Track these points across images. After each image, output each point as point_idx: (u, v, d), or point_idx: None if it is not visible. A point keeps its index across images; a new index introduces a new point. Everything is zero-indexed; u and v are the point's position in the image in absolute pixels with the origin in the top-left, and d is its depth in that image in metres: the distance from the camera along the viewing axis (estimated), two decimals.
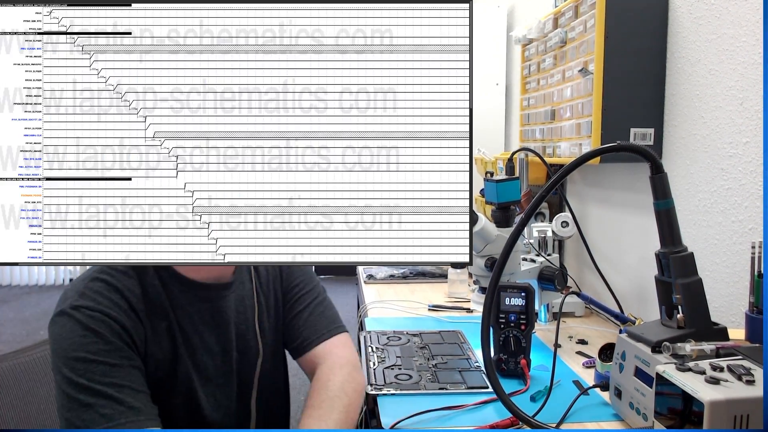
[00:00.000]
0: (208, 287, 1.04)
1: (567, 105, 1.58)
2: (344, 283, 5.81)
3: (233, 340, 1.07)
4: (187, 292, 1.02)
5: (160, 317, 0.98)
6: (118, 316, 0.92)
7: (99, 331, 0.90)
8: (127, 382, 0.89)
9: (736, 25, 1.16)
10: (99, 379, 0.87)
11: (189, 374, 1.00)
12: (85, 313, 0.91)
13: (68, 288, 0.97)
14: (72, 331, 0.90)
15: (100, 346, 0.89)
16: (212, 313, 1.04)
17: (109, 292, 0.94)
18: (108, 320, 0.91)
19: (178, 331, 0.99)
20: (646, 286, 1.48)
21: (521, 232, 0.94)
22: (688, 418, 0.74)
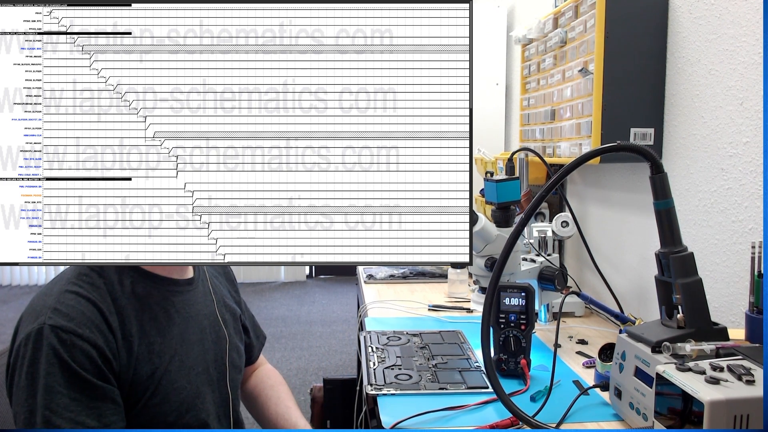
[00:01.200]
0: (177, 282, 1.06)
1: (567, 105, 1.58)
2: (344, 283, 5.81)
3: (206, 330, 1.10)
4: (159, 288, 1.03)
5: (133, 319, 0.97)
6: (90, 336, 0.90)
7: (67, 362, 0.88)
8: (83, 419, 0.89)
9: (736, 25, 1.16)
10: (61, 413, 0.87)
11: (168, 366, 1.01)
12: (59, 335, 0.88)
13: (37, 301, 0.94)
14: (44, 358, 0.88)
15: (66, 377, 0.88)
16: (183, 306, 1.06)
17: (83, 307, 0.92)
18: (80, 342, 0.89)
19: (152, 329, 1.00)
20: (646, 286, 1.48)
21: (521, 232, 0.94)
22: (688, 418, 0.74)
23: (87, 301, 0.92)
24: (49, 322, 0.88)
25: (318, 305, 4.99)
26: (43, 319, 0.89)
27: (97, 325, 0.92)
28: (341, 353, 3.82)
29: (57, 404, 0.87)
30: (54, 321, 0.89)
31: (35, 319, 0.90)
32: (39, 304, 0.92)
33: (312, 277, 6.15)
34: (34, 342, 0.88)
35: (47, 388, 0.87)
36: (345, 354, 3.79)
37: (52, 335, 0.88)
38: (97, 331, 0.91)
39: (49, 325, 0.88)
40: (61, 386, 0.88)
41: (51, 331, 0.88)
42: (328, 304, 5.05)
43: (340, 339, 4.11)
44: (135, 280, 0.99)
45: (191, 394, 1.03)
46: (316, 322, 4.46)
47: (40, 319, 0.89)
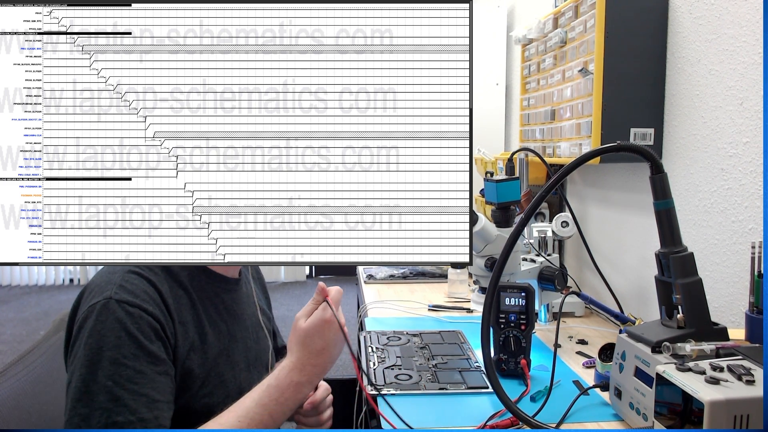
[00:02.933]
0: (227, 280, 1.10)
1: (567, 105, 1.58)
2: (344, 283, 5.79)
3: (248, 329, 1.14)
4: (212, 283, 1.06)
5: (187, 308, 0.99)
6: (154, 312, 0.92)
7: (133, 334, 0.89)
8: (146, 391, 0.88)
9: (736, 25, 1.16)
10: (123, 384, 0.86)
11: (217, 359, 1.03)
12: (125, 308, 0.89)
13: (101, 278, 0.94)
14: (109, 329, 0.88)
15: (132, 349, 0.88)
16: (231, 304, 1.10)
17: (146, 286, 0.93)
18: (145, 316, 0.90)
19: (204, 318, 1.02)
20: (646, 286, 1.48)
21: (521, 232, 0.94)
22: (688, 418, 0.74)
23: (148, 282, 0.94)
24: (116, 297, 0.89)
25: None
26: (109, 294, 0.89)
27: (158, 304, 0.93)
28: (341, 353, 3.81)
29: (120, 375, 0.86)
30: (120, 296, 0.89)
31: (100, 294, 0.90)
32: (102, 282, 0.92)
33: (312, 277, 6.15)
34: (99, 314, 0.88)
35: (112, 360, 0.86)
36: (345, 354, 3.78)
37: (119, 308, 0.88)
38: (159, 310, 0.93)
39: (115, 299, 0.89)
40: (127, 358, 0.87)
41: (118, 304, 0.89)
42: None
43: None
44: (191, 273, 1.02)
45: (235, 389, 1.04)
46: None
47: (105, 294, 0.90)
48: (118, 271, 0.94)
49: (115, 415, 0.84)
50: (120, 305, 0.89)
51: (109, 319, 0.88)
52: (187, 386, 0.97)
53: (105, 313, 0.88)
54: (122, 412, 0.85)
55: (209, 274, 1.06)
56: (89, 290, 0.93)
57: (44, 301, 5.23)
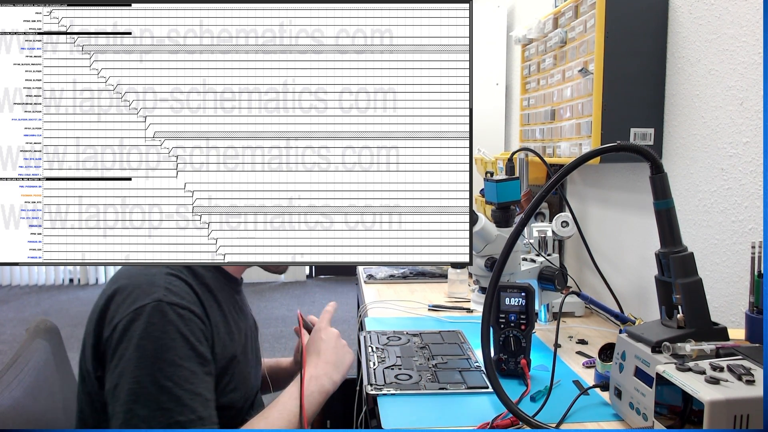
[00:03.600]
0: (237, 281, 1.15)
1: (567, 105, 1.58)
2: (344, 283, 5.81)
3: (251, 326, 1.20)
4: (227, 285, 1.10)
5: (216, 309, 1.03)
6: (200, 313, 0.96)
7: (186, 336, 0.92)
8: (201, 390, 0.91)
9: (736, 25, 1.16)
10: (182, 384, 0.89)
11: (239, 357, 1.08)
12: (176, 311, 0.92)
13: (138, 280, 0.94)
14: (163, 331, 0.90)
15: (186, 350, 0.91)
16: (241, 303, 1.16)
17: (187, 289, 0.96)
18: (194, 318, 0.94)
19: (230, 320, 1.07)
20: (646, 286, 1.48)
21: (521, 232, 0.94)
22: (688, 418, 0.74)
23: (187, 285, 0.97)
24: (166, 299, 0.92)
25: (318, 305, 4.99)
26: (158, 296, 0.92)
27: (199, 306, 0.97)
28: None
29: (179, 377, 0.89)
30: (170, 298, 0.92)
31: (147, 295, 0.92)
32: (143, 284, 0.94)
33: (312, 277, 6.15)
34: (150, 316, 0.90)
35: (169, 361, 0.89)
36: None
37: (170, 311, 0.91)
38: (202, 312, 0.97)
39: (166, 302, 0.91)
40: (182, 359, 0.90)
41: (169, 307, 0.91)
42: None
43: None
44: (213, 274, 1.06)
45: (254, 384, 1.13)
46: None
47: (154, 296, 0.92)
48: (157, 273, 0.95)
49: (177, 415, 0.87)
50: (171, 307, 0.92)
51: (162, 321, 0.90)
52: (222, 383, 1.01)
53: (157, 315, 0.90)
54: (183, 412, 0.88)
55: (225, 275, 1.10)
56: (126, 292, 0.94)
57: (44, 301, 5.23)
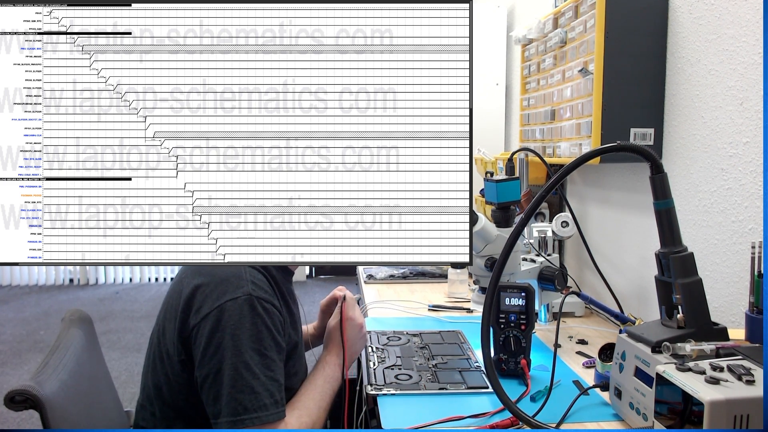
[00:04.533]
0: (291, 273, 1.22)
1: (567, 105, 1.58)
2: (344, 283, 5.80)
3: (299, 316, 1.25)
4: (285, 277, 1.17)
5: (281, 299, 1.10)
6: (279, 305, 1.05)
7: (271, 328, 1.01)
8: (278, 377, 1.02)
9: (736, 25, 1.16)
10: (266, 372, 1.00)
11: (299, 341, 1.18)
12: (263, 305, 1.01)
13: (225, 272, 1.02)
14: (254, 324, 0.99)
15: (270, 341, 1.01)
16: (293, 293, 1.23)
17: (267, 282, 1.05)
18: (276, 312, 1.04)
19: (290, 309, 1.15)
20: (646, 286, 1.48)
21: (521, 232, 0.94)
22: (688, 418, 0.74)
23: (266, 277, 1.06)
24: (255, 294, 1.01)
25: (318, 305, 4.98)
26: (247, 290, 1.01)
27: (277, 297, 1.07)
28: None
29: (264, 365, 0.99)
30: (257, 293, 1.01)
31: (236, 288, 1.01)
32: (232, 276, 1.02)
33: (312, 277, 6.15)
34: (242, 308, 0.99)
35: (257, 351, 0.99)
36: None
37: (258, 305, 1.00)
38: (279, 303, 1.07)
39: (255, 297, 1.00)
40: (267, 349, 1.00)
41: (257, 301, 1.00)
42: None
43: None
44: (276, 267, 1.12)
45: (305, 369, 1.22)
46: None
47: (243, 289, 1.01)
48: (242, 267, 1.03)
49: (263, 398, 0.98)
50: (259, 302, 1.01)
51: (253, 314, 1.00)
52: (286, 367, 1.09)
53: (248, 308, 1.00)
54: (266, 396, 0.99)
55: (284, 268, 1.16)
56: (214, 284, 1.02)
57: (44, 301, 5.23)
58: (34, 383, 0.98)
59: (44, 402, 0.96)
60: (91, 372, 1.23)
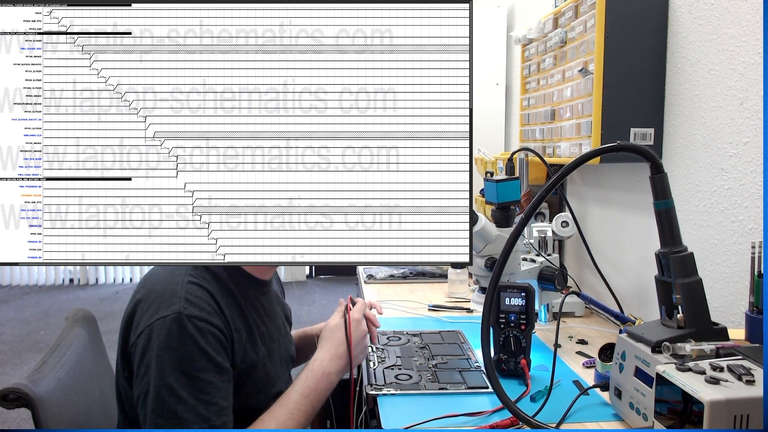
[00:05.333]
0: (264, 283, 1.14)
1: (567, 105, 1.58)
2: (344, 283, 5.81)
3: (279, 327, 1.19)
4: (252, 287, 1.10)
5: (237, 314, 1.04)
6: (219, 323, 0.97)
7: (205, 349, 0.93)
8: (217, 399, 0.94)
9: (736, 25, 1.16)
10: (196, 395, 0.92)
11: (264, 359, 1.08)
12: (195, 324, 0.93)
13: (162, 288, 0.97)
14: (182, 344, 0.92)
15: (203, 362, 0.93)
16: (267, 305, 1.15)
17: (207, 298, 0.97)
18: (212, 329, 0.95)
19: (252, 323, 1.07)
20: (646, 286, 1.48)
21: (521, 232, 0.94)
22: (688, 418, 0.74)
23: (208, 293, 0.98)
24: (185, 312, 0.93)
25: (318, 305, 4.99)
26: (177, 308, 0.93)
27: (219, 314, 0.98)
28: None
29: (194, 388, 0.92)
30: (189, 311, 0.93)
31: (167, 306, 0.94)
32: (165, 293, 0.96)
33: (312, 277, 6.15)
34: (170, 329, 0.92)
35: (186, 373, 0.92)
36: None
37: (189, 324, 0.93)
38: (221, 320, 0.98)
39: (185, 315, 0.93)
40: (199, 371, 0.93)
41: (188, 320, 0.93)
42: (328, 304, 5.05)
43: None
44: (235, 279, 1.05)
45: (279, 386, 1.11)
46: (316, 322, 4.45)
47: (173, 308, 0.93)
48: (179, 282, 0.97)
49: (191, 424, 0.91)
50: (190, 320, 0.93)
51: (181, 334, 0.92)
52: (243, 388, 1.02)
53: (176, 327, 0.92)
54: (197, 422, 0.91)
55: (249, 278, 1.09)
56: (150, 301, 0.96)
57: (44, 301, 5.23)
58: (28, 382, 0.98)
59: (36, 401, 0.95)
60: (91, 371, 1.23)
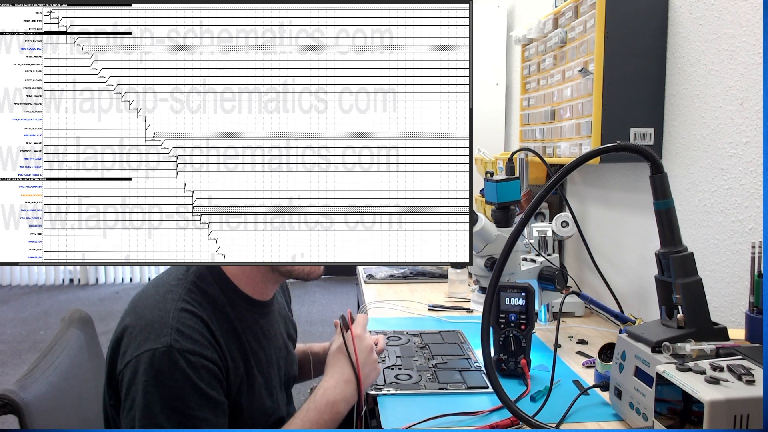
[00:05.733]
0: (264, 304, 1.09)
1: (567, 105, 1.58)
2: (344, 283, 5.81)
3: (280, 349, 1.15)
4: (251, 310, 1.06)
5: (234, 341, 1.00)
6: (213, 356, 0.92)
7: (197, 384, 0.89)
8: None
9: (736, 25, 1.16)
10: None
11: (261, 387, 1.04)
12: (187, 358, 0.89)
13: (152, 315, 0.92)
14: (173, 380, 0.88)
15: (196, 399, 0.89)
16: (268, 328, 1.10)
17: (201, 328, 0.93)
18: (207, 364, 0.91)
19: (249, 350, 1.03)
20: (646, 286, 1.48)
21: (521, 232, 0.94)
22: (688, 418, 0.74)
23: (202, 321, 0.94)
24: (176, 345, 0.89)
25: (318, 305, 4.99)
26: (168, 341, 0.89)
27: (213, 345, 0.94)
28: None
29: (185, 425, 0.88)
30: (180, 344, 0.89)
31: (157, 338, 0.89)
32: (155, 321, 0.91)
33: None
34: (160, 363, 0.88)
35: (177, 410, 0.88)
36: None
37: (181, 358, 0.88)
38: (215, 352, 0.93)
39: (176, 349, 0.88)
40: (191, 408, 0.88)
41: (179, 354, 0.88)
42: (328, 304, 5.05)
43: None
44: (232, 302, 1.01)
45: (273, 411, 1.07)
46: (316, 322, 4.46)
47: (163, 339, 0.89)
48: (171, 309, 0.93)
49: None
50: (182, 355, 0.88)
51: (172, 370, 0.88)
52: (239, 418, 0.99)
53: (166, 362, 0.88)
54: None
55: (249, 301, 1.05)
56: (138, 328, 0.92)
57: (44, 301, 5.23)
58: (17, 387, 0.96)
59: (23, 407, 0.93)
60: (86, 374, 1.21)
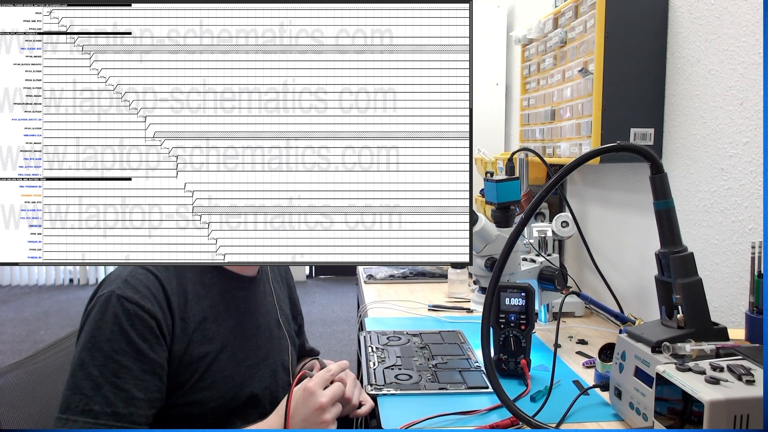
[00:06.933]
0: (241, 278, 1.12)
1: (567, 105, 1.58)
2: (344, 283, 5.81)
3: (261, 327, 1.15)
4: (224, 281, 1.08)
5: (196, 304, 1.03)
6: (153, 309, 0.96)
7: (127, 330, 0.93)
8: (128, 387, 0.92)
9: (736, 25, 1.16)
10: (107, 376, 0.91)
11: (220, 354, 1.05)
12: (123, 304, 0.94)
13: (116, 271, 1.00)
14: (104, 321, 0.93)
15: (122, 345, 0.93)
16: (243, 301, 1.12)
17: (150, 283, 0.97)
18: (143, 315, 0.95)
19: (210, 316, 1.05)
20: (646, 286, 1.48)
21: (521, 232, 0.94)
22: (688, 418, 0.74)
23: (155, 278, 0.98)
24: (118, 291, 0.95)
25: (318, 305, 4.99)
26: (113, 288, 0.95)
27: (159, 301, 0.97)
28: (341, 353, 3.82)
29: (106, 368, 0.91)
30: (122, 291, 0.95)
31: (106, 286, 0.97)
32: (114, 276, 0.99)
33: (312, 277, 6.16)
34: (101, 306, 0.94)
35: (103, 352, 0.92)
36: (345, 354, 3.79)
37: (117, 304, 0.94)
38: (158, 307, 0.97)
39: (117, 294, 0.94)
40: (116, 353, 0.92)
41: (117, 300, 0.94)
42: (328, 304, 5.05)
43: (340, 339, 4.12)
44: (204, 269, 1.05)
45: (237, 385, 1.07)
46: (316, 322, 4.46)
47: (110, 287, 0.96)
48: (130, 268, 0.98)
49: (93, 404, 0.90)
50: (120, 300, 0.94)
51: (107, 312, 0.93)
52: (184, 379, 1.00)
53: (106, 306, 0.94)
54: (99, 402, 0.90)
55: (221, 271, 1.08)
56: (101, 284, 0.99)
57: (44, 301, 5.23)
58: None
59: None
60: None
